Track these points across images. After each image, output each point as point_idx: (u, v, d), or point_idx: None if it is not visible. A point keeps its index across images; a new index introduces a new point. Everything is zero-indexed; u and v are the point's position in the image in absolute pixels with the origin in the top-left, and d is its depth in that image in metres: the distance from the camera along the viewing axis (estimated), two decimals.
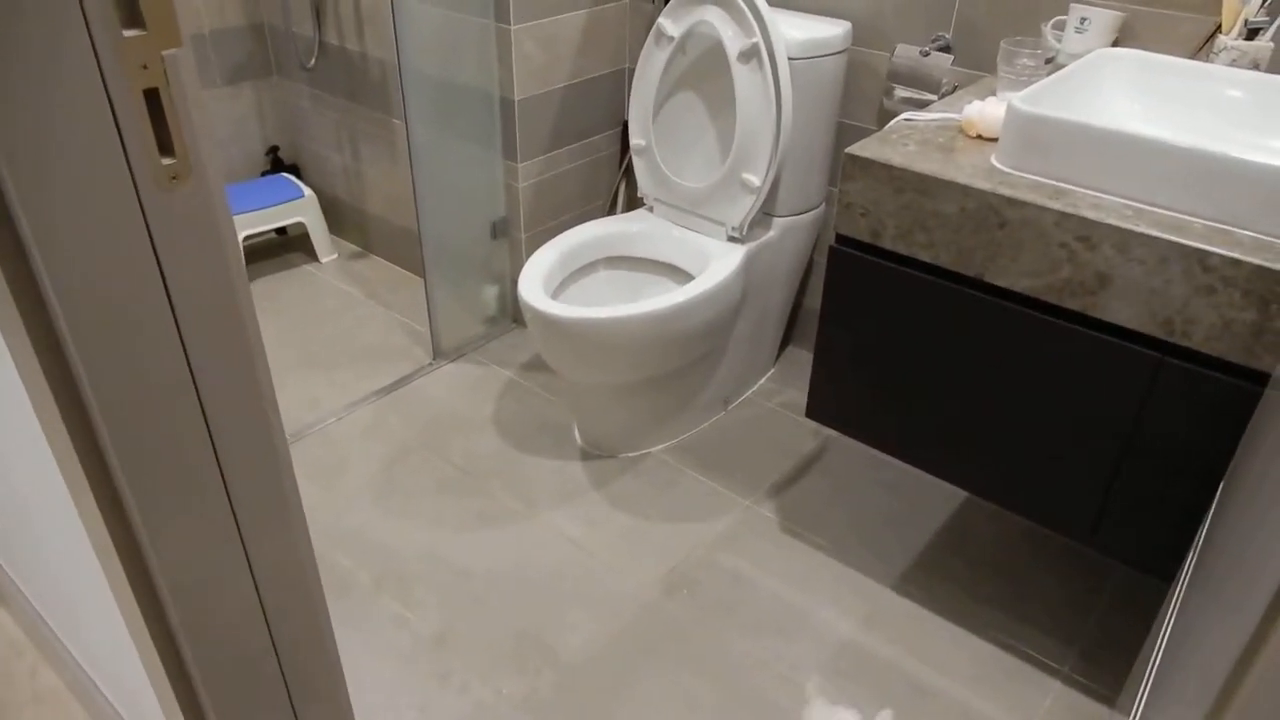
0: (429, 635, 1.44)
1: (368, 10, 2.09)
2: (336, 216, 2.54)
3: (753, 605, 1.50)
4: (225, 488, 0.71)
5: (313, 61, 2.28)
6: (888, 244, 1.23)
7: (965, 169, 1.16)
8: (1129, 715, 0.93)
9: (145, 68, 0.56)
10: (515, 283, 2.16)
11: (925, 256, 1.20)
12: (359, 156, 2.36)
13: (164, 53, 0.56)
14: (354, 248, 2.55)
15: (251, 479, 0.72)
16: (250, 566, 0.76)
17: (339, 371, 2.04)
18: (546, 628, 1.46)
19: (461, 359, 2.09)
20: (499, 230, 2.11)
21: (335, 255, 2.52)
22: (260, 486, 0.73)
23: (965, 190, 1.13)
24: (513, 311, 2.23)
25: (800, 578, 1.56)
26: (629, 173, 2.20)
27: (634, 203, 2.22)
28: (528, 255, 2.09)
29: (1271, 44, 1.26)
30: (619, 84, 2.10)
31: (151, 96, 0.57)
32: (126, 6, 0.54)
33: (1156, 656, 0.88)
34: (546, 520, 1.66)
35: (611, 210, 2.24)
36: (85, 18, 0.52)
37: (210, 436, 0.68)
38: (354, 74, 2.22)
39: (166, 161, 0.59)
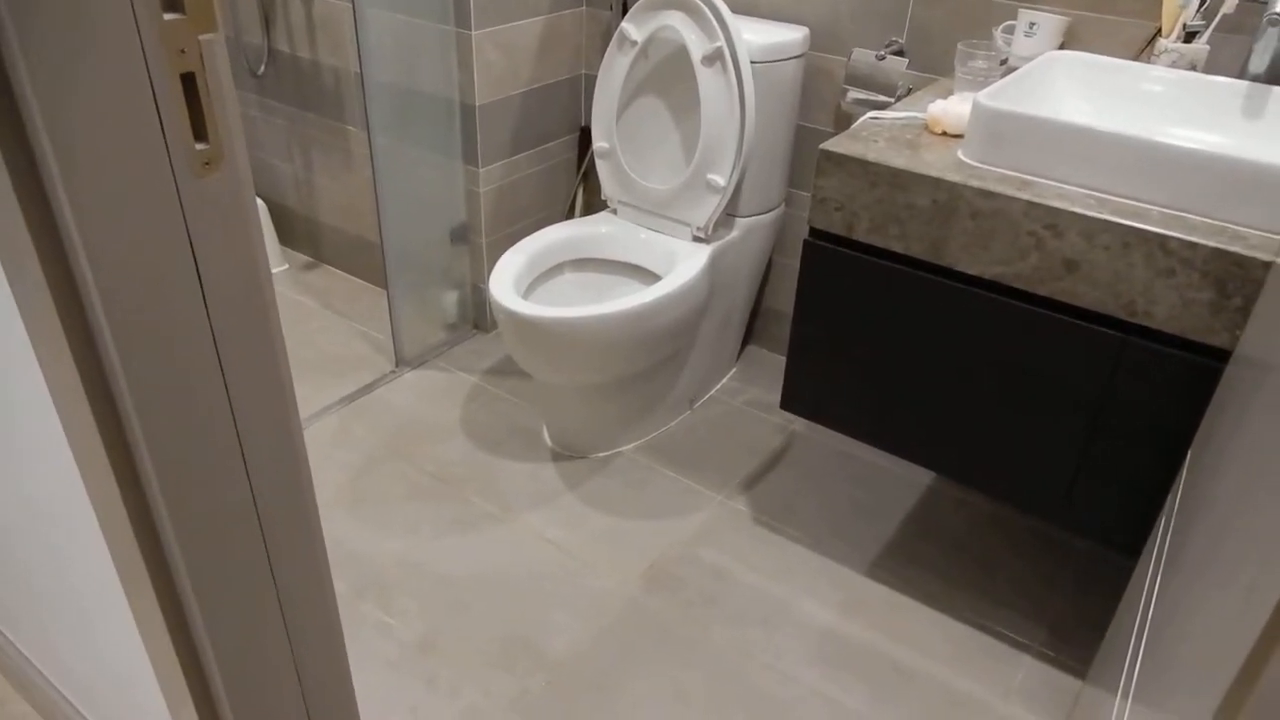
0: (413, 641, 1.43)
1: (320, 17, 2.07)
2: (286, 227, 2.50)
3: (733, 597, 1.53)
4: (249, 479, 0.70)
5: (262, 69, 2.24)
6: (861, 236, 1.27)
7: (935, 163, 1.21)
8: (1113, 693, 0.97)
9: (183, 52, 0.56)
10: (476, 288, 2.16)
11: (899, 248, 1.24)
12: (310, 165, 2.33)
13: (201, 37, 0.56)
14: (305, 258, 2.51)
15: (271, 462, 0.71)
16: (271, 569, 0.75)
17: (298, 383, 2.01)
18: (532, 629, 1.46)
19: (424, 366, 2.08)
20: (459, 236, 2.10)
21: (286, 266, 2.47)
22: (280, 475, 0.73)
23: (937, 183, 1.17)
24: (474, 317, 2.22)
25: (777, 569, 1.59)
26: (586, 178, 2.22)
27: (591, 208, 2.24)
28: (489, 260, 2.10)
29: (1208, 46, 1.34)
30: (575, 90, 2.12)
31: (187, 81, 0.57)
32: None
33: (1141, 636, 0.92)
34: (523, 523, 1.66)
35: (570, 215, 2.26)
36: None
37: (236, 428, 0.67)
38: (305, 82, 2.19)
39: (200, 147, 0.58)
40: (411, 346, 2.09)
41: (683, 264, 1.71)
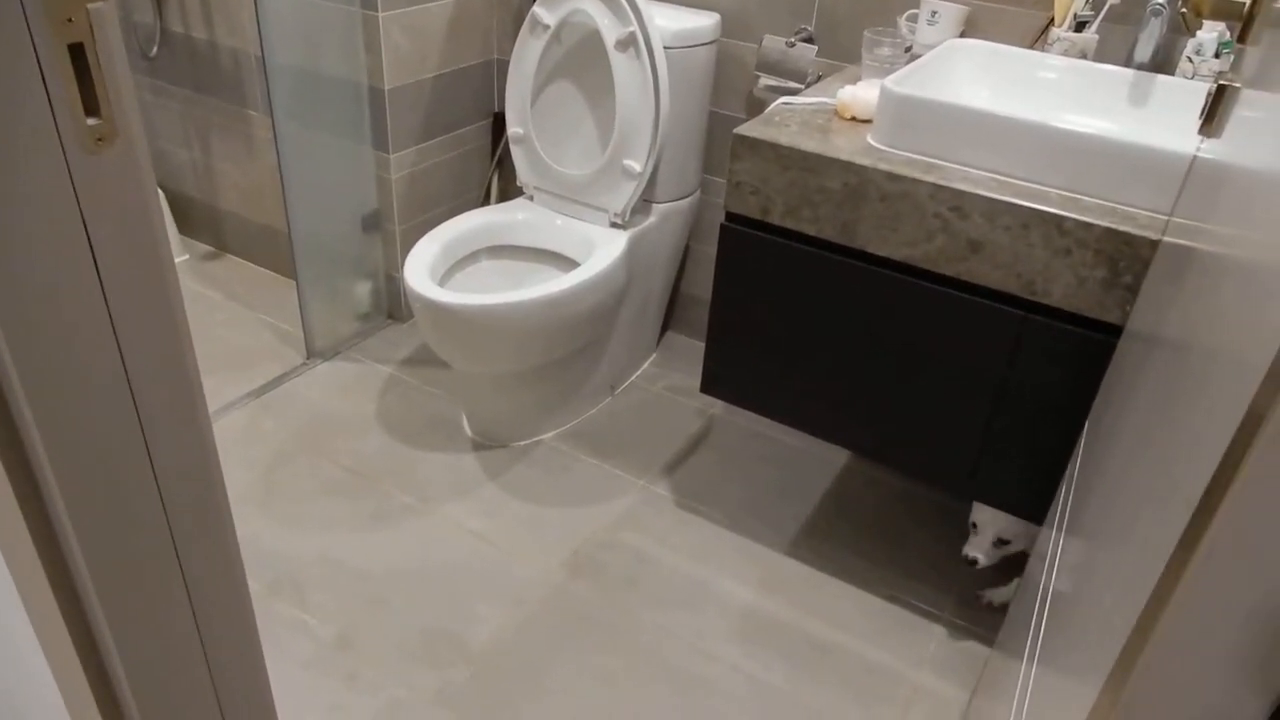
0: (331, 638, 1.39)
1: None
2: (185, 216, 2.40)
3: (656, 580, 1.54)
4: (155, 478, 0.67)
5: (154, 50, 2.14)
6: (776, 220, 1.29)
7: (845, 148, 1.24)
8: (1019, 658, 1.01)
9: (70, 21, 0.53)
10: (390, 278, 2.12)
11: (812, 231, 1.27)
12: (210, 151, 2.24)
13: (89, 5, 0.53)
14: (207, 248, 2.41)
15: (178, 459, 0.69)
16: (181, 569, 0.72)
17: (203, 377, 1.93)
18: (454, 621, 1.44)
19: (337, 358, 2.02)
20: (370, 224, 2.05)
21: (186, 256, 2.37)
22: (189, 473, 0.70)
23: (848, 166, 1.20)
24: (388, 307, 2.17)
25: (699, 550, 1.60)
26: (501, 165, 2.19)
27: (507, 194, 2.22)
28: (402, 249, 2.06)
29: (1097, 35, 1.41)
30: (487, 75, 2.09)
31: (75, 53, 0.54)
32: None
33: (1044, 601, 0.96)
34: (443, 514, 1.64)
35: (486, 202, 2.23)
36: None
37: (140, 424, 0.64)
38: (202, 64, 2.10)
39: (92, 123, 0.55)
40: (323, 338, 2.03)
41: (600, 250, 1.70)
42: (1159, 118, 1.31)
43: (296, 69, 1.81)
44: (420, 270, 1.59)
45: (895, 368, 1.30)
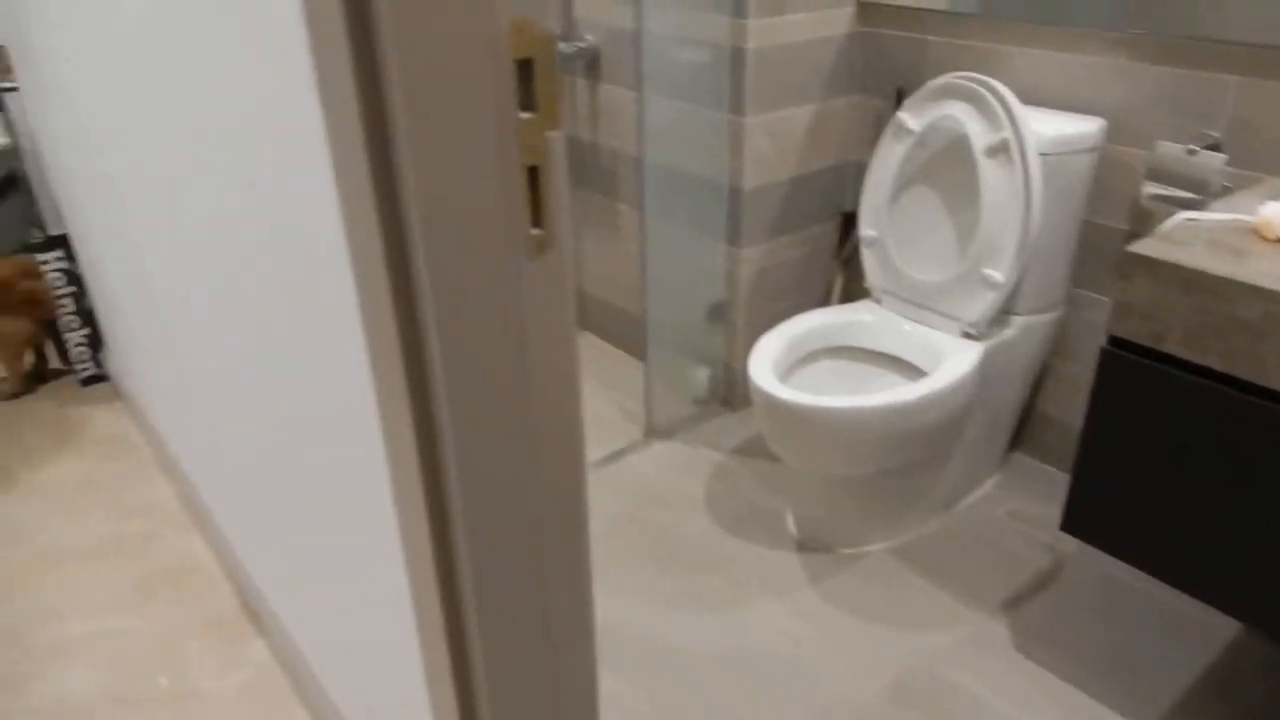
0: (643, 713, 1.42)
1: (604, 103, 2.22)
2: None
3: None
4: (540, 528, 0.73)
5: None
6: (1171, 349, 1.15)
7: (1269, 273, 1.07)
8: None
9: (531, 146, 0.60)
10: (728, 367, 2.18)
11: (1217, 365, 1.11)
12: (581, 238, 2.48)
13: (547, 134, 0.61)
14: None
15: (558, 519, 0.75)
16: (547, 619, 0.78)
17: None
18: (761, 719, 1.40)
19: (673, 438, 2.11)
20: (716, 314, 2.14)
21: None
22: (563, 529, 0.76)
23: (1271, 296, 1.04)
24: (723, 395, 2.23)
25: (1038, 705, 1.43)
26: (847, 264, 2.19)
27: (850, 295, 2.20)
28: (744, 340, 2.12)
29: None
30: (839, 176, 2.11)
31: (530, 172, 0.62)
32: (524, 91, 0.59)
33: None
34: (760, 609, 1.62)
35: (827, 301, 2.23)
36: (496, 101, 0.57)
37: (537, 491, 0.71)
38: (584, 161, 2.35)
39: (535, 232, 0.63)
40: (662, 418, 2.13)
41: (950, 360, 1.62)
42: None
43: (667, 168, 1.96)
44: (765, 366, 1.62)
45: None
